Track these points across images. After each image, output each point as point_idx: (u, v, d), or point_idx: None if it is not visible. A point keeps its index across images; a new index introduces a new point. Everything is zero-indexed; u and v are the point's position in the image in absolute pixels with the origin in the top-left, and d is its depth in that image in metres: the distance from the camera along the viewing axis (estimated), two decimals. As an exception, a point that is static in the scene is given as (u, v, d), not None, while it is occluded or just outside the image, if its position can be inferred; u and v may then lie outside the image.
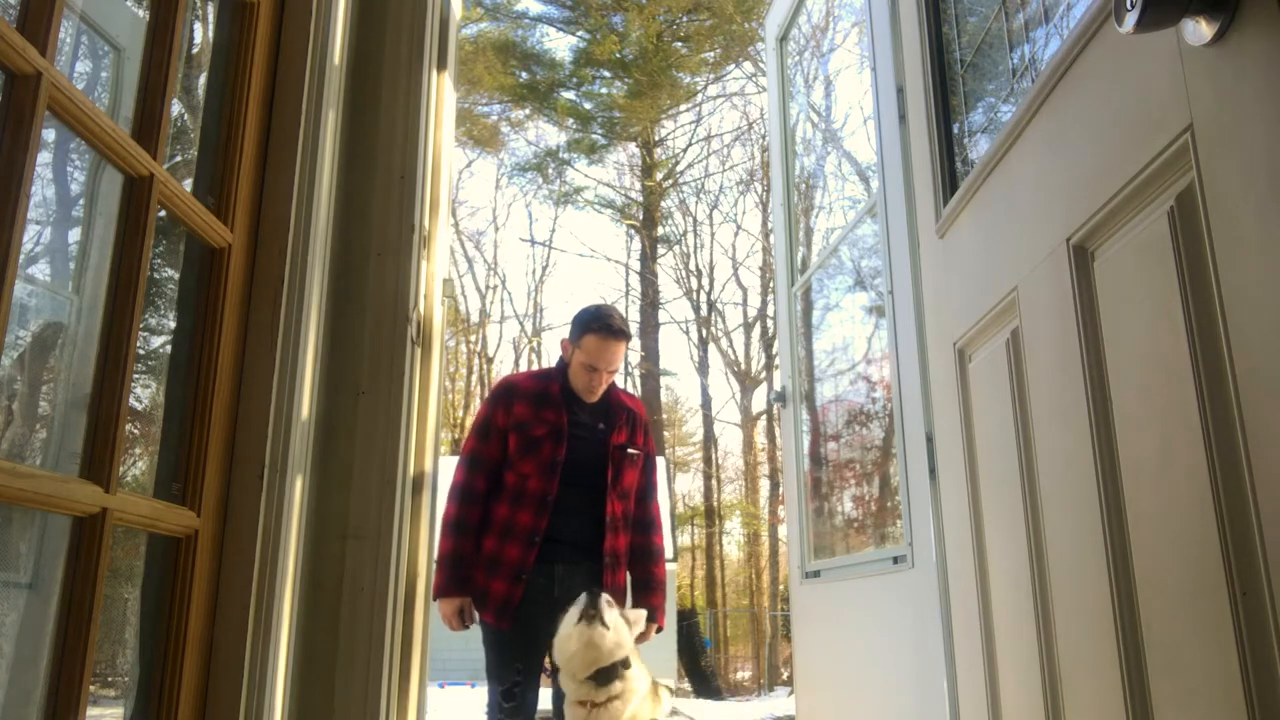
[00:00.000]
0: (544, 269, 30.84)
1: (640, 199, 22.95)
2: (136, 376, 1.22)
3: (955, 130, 2.02)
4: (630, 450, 2.91)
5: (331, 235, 1.58)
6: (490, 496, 2.73)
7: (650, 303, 22.42)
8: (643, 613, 2.99)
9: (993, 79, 1.94)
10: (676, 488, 23.96)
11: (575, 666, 2.60)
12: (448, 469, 2.42)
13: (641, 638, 2.74)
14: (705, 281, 23.49)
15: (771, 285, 20.38)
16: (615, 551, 2.83)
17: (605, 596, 2.81)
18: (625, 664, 2.66)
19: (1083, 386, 1.30)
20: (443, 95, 1.83)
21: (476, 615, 2.71)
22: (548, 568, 2.73)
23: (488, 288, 24.34)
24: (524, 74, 21.27)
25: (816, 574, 3.06)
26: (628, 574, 2.91)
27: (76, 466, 1.12)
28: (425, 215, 1.74)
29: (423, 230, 1.72)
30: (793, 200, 3.53)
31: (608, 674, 2.62)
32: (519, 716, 2.68)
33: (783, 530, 18.64)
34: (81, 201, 1.40)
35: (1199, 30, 1.00)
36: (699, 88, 21.84)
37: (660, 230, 22.94)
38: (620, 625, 2.73)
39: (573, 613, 2.61)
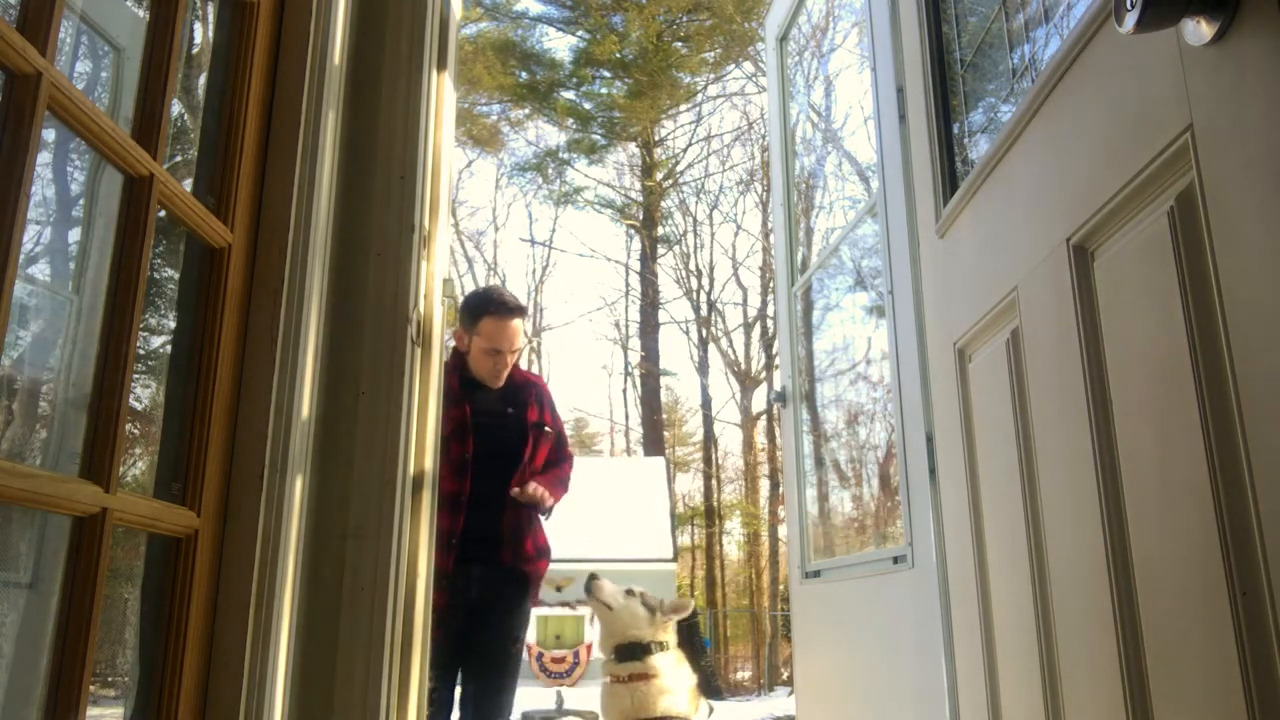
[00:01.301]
0: (544, 269, 30.88)
1: (640, 199, 22.95)
2: (136, 376, 1.22)
3: (955, 130, 2.02)
4: (546, 429, 2.84)
5: (331, 235, 1.58)
6: None
7: (650, 303, 22.41)
8: (687, 601, 3.16)
9: (993, 79, 1.94)
10: (676, 488, 23.95)
11: (599, 643, 2.92)
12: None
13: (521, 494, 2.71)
14: (705, 281, 23.50)
15: (771, 285, 20.38)
16: (540, 545, 2.81)
17: (627, 587, 3.03)
18: (648, 649, 2.82)
19: (1083, 386, 1.30)
20: (443, 95, 1.83)
21: None
22: (464, 570, 2.65)
23: (488, 288, 24.29)
24: (524, 74, 21.28)
25: (816, 574, 3.06)
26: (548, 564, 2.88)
27: (76, 466, 1.12)
28: (425, 215, 1.74)
29: (423, 230, 1.71)
30: (793, 200, 3.53)
31: (627, 651, 2.80)
32: None
33: (783, 530, 18.64)
34: (81, 201, 1.40)
35: (1199, 30, 1.00)
36: (699, 88, 21.85)
37: (660, 230, 22.95)
38: (635, 610, 2.90)
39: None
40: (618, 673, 2.88)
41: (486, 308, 2.74)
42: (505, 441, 2.75)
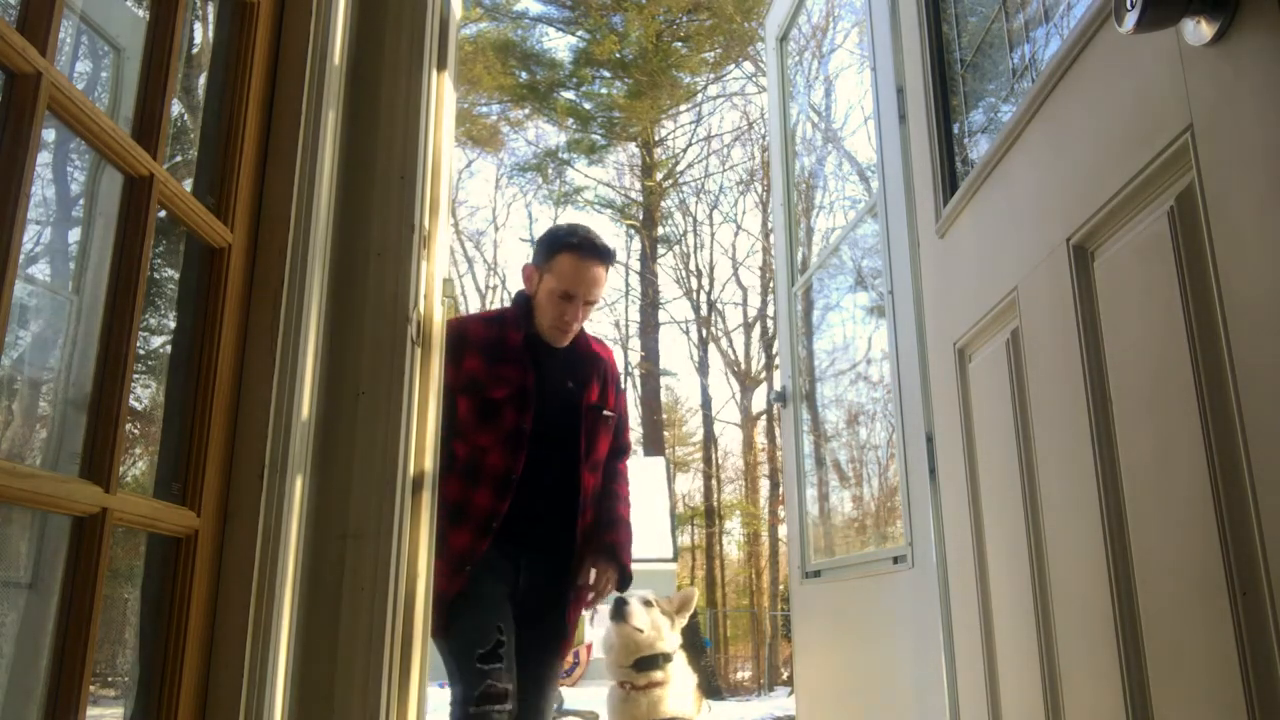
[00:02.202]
0: (544, 269, 30.77)
1: (640, 199, 22.95)
2: (136, 376, 1.22)
3: (955, 130, 2.02)
4: (606, 412, 2.37)
5: (331, 235, 1.58)
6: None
7: (650, 303, 22.42)
8: (690, 592, 3.15)
9: (993, 79, 1.94)
10: (676, 488, 23.96)
11: (616, 657, 2.91)
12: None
13: (598, 595, 2.37)
14: (705, 281, 23.51)
15: (771, 285, 20.38)
16: (588, 533, 2.37)
17: (642, 596, 3.02)
18: (667, 657, 2.91)
19: (1083, 386, 1.30)
20: (443, 95, 1.82)
21: None
22: (512, 558, 2.24)
23: (488, 288, 24.36)
24: (524, 74, 21.28)
25: (817, 574, 3.06)
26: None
27: (76, 466, 1.12)
28: (425, 215, 1.74)
29: (423, 230, 1.71)
30: (793, 200, 3.53)
31: (647, 663, 2.87)
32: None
33: (783, 530, 18.64)
34: (81, 201, 1.40)
35: (1199, 30, 1.00)
36: (699, 88, 21.85)
37: (660, 230, 22.95)
38: (659, 621, 2.95)
39: (604, 609, 2.87)
40: (636, 681, 2.95)
41: (568, 241, 2.27)
42: (558, 420, 2.27)
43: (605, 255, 2.30)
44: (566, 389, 2.32)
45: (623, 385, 2.54)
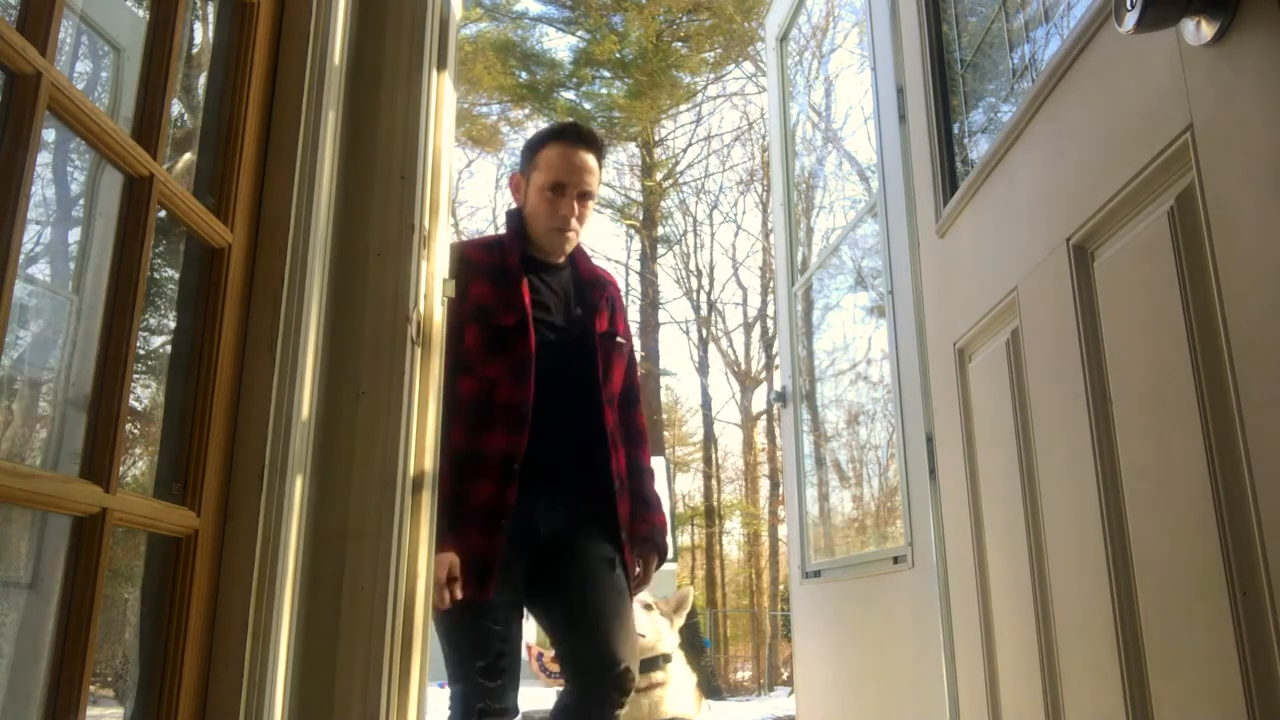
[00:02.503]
0: (544, 269, 30.79)
1: (640, 199, 22.94)
2: (136, 376, 1.22)
3: (955, 130, 2.02)
4: (619, 340, 2.20)
5: (331, 235, 1.58)
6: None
7: (650, 303, 22.41)
8: (686, 592, 3.16)
9: (993, 79, 1.94)
10: (676, 488, 23.95)
11: None
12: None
13: (642, 582, 2.24)
14: (705, 281, 23.50)
15: (771, 285, 20.39)
16: (621, 474, 2.13)
17: (642, 600, 3.03)
18: (667, 658, 2.93)
19: (1083, 386, 1.30)
20: (443, 95, 1.82)
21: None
22: (529, 503, 1.99)
23: (488, 287, 24.29)
24: (524, 74, 21.27)
25: (817, 574, 3.06)
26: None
27: (76, 466, 1.12)
28: (425, 215, 1.74)
29: (423, 230, 1.71)
30: (793, 200, 3.53)
31: (647, 664, 2.90)
32: (502, 700, 1.95)
33: (783, 530, 18.65)
34: (81, 201, 1.40)
35: (1199, 30, 1.00)
36: (699, 88, 21.83)
37: (660, 230, 22.93)
38: (658, 624, 2.98)
39: None
40: (639, 684, 3.00)
41: (550, 132, 2.14)
42: (566, 349, 2.08)
43: (592, 141, 2.15)
44: (574, 315, 2.13)
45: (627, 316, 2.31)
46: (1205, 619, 1.04)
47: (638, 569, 2.23)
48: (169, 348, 1.40)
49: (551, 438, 2.03)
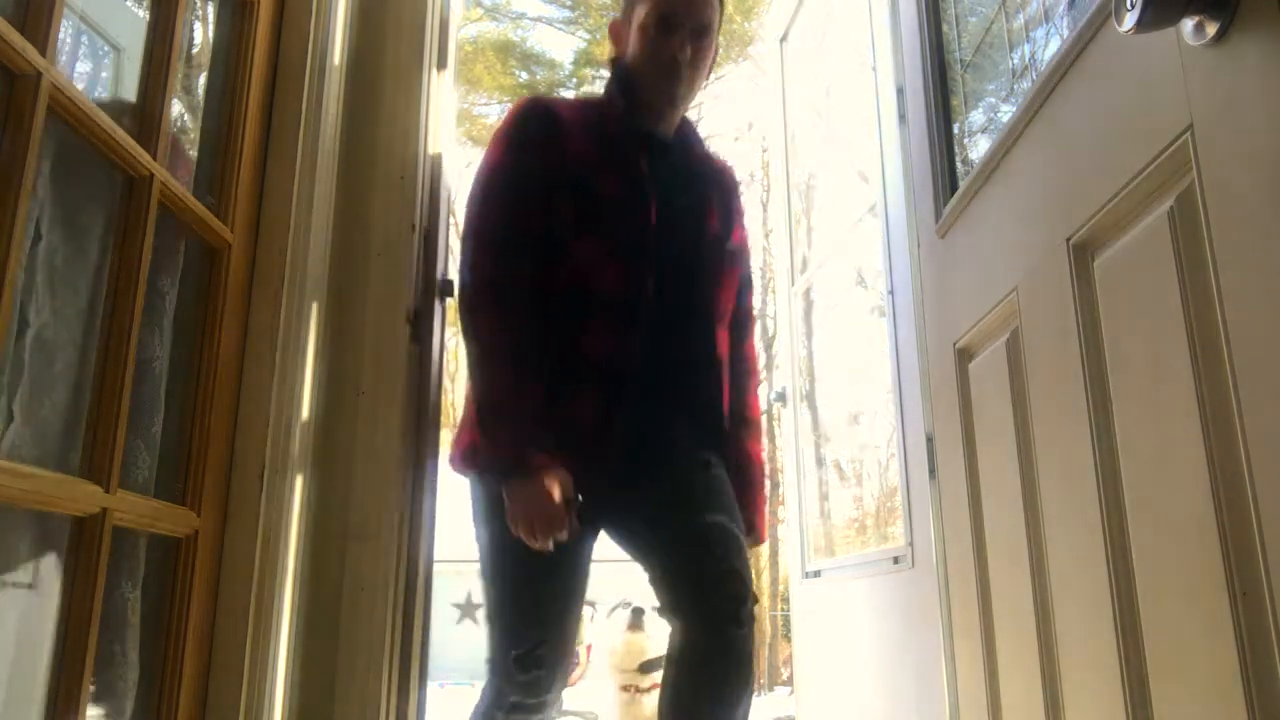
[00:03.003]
0: (544, 269, 30.78)
1: (640, 199, 22.93)
2: (136, 376, 1.22)
3: (955, 130, 2.02)
4: (732, 249, 1.73)
5: (331, 235, 1.58)
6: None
7: (650, 303, 22.37)
8: None
9: (993, 79, 1.94)
10: (676, 488, 23.90)
11: (621, 662, 2.98)
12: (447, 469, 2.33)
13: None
14: (705, 281, 23.47)
15: (771, 285, 20.39)
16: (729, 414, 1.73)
17: (655, 605, 3.06)
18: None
19: (1083, 387, 1.30)
20: (443, 95, 1.82)
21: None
22: (628, 426, 1.52)
23: (488, 288, 24.31)
24: (524, 74, 21.26)
25: (817, 574, 3.06)
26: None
27: (77, 467, 1.12)
28: (425, 215, 1.74)
29: (423, 230, 1.71)
30: (793, 200, 3.52)
31: (652, 665, 2.94)
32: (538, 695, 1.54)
33: (783, 530, 18.63)
34: (81, 201, 1.40)
35: (1199, 30, 1.00)
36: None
37: (660, 230, 22.93)
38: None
39: (617, 618, 2.92)
40: (641, 684, 3.05)
41: None
42: (676, 244, 1.59)
43: None
44: (680, 208, 1.62)
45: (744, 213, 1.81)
46: (1205, 619, 1.04)
47: None
48: (169, 347, 1.40)
49: (658, 350, 1.56)
